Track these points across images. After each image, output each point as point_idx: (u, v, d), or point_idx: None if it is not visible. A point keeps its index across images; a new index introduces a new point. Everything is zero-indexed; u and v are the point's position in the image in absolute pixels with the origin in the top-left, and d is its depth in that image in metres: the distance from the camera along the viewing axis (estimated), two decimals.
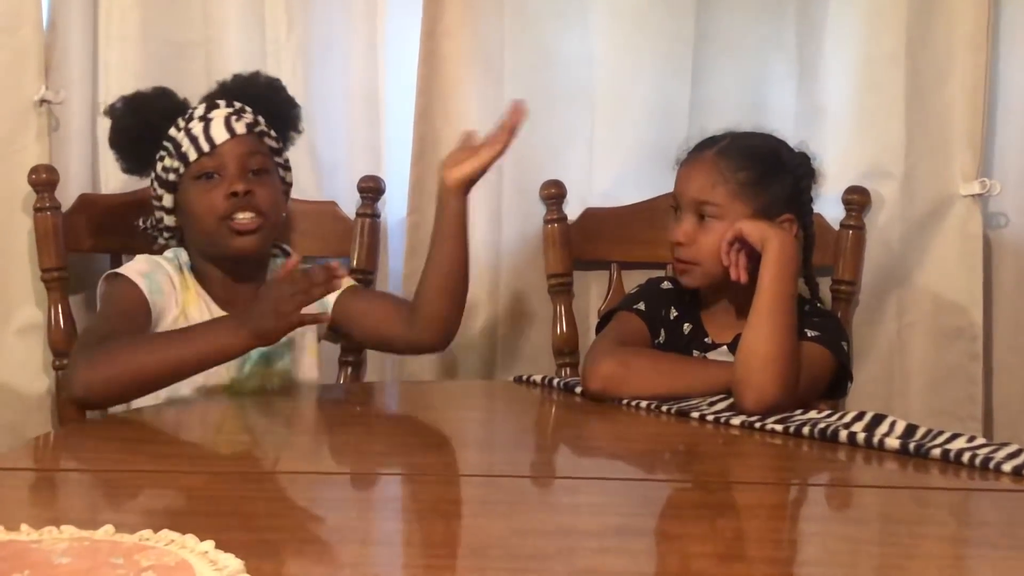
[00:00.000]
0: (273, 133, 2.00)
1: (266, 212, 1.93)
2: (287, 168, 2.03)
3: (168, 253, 1.98)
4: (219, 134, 1.91)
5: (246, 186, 1.90)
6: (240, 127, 1.93)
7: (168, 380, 1.78)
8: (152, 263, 1.93)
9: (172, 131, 1.94)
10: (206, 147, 1.91)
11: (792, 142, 1.98)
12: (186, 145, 1.92)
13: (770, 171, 1.90)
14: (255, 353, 1.92)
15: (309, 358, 2.02)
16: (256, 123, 1.96)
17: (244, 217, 1.90)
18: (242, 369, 1.94)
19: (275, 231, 2.00)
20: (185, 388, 1.86)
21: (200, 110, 1.95)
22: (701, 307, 1.98)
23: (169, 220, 1.97)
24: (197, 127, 1.92)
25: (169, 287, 1.91)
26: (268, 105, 2.02)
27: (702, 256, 1.89)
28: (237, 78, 2.04)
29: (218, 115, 1.93)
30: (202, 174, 1.91)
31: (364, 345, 2.10)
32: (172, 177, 1.93)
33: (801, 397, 1.78)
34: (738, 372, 1.76)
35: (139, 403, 1.81)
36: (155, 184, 1.97)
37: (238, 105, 1.96)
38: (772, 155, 1.92)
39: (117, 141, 2.02)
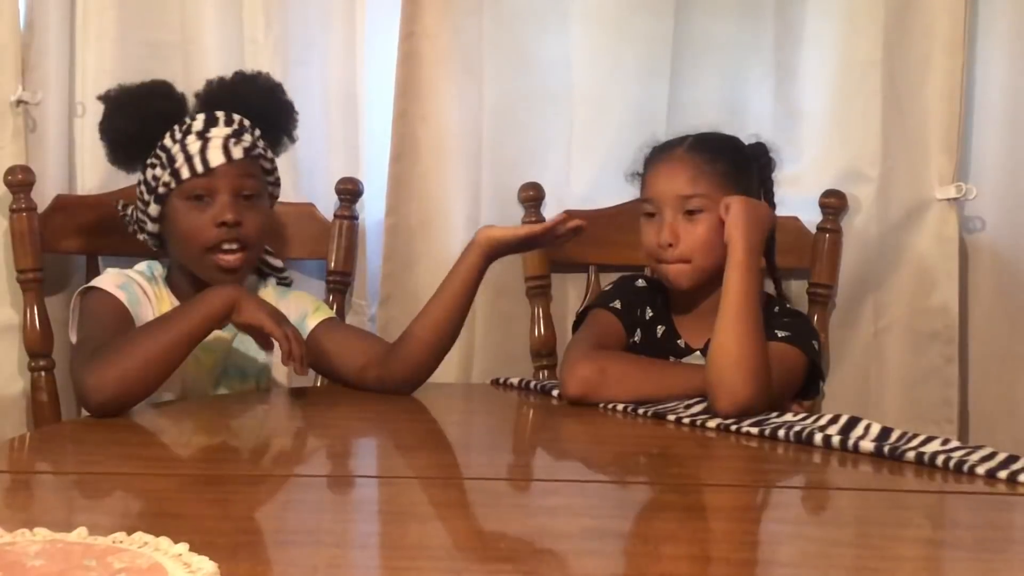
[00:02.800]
0: (269, 154, 1.97)
1: (251, 244, 1.91)
2: (276, 184, 2.01)
3: (140, 266, 1.96)
4: (215, 157, 1.87)
5: (236, 216, 1.87)
6: (237, 151, 1.89)
7: (174, 361, 1.76)
8: (124, 276, 1.92)
9: (167, 140, 1.90)
10: (200, 168, 1.87)
11: (759, 136, 1.99)
12: (180, 161, 1.88)
13: (740, 161, 1.92)
14: (232, 367, 1.95)
15: (281, 377, 2.02)
16: (254, 146, 1.92)
17: (229, 258, 1.89)
18: (216, 387, 1.94)
19: (256, 258, 1.99)
20: (164, 396, 1.87)
21: (199, 123, 1.90)
22: (674, 310, 1.98)
23: (152, 227, 1.94)
24: (194, 145, 1.88)
25: (144, 299, 1.90)
26: (265, 109, 1.99)
27: (695, 251, 1.89)
28: (238, 76, 2.01)
29: (217, 135, 1.89)
30: (192, 195, 1.88)
31: (332, 380, 2.04)
32: (161, 189, 1.89)
33: (774, 397, 1.79)
34: (711, 375, 1.77)
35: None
36: (143, 189, 1.94)
37: (236, 122, 1.92)
38: (736, 147, 1.94)
39: (107, 134, 1.97)
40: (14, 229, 2.17)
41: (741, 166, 1.92)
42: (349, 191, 2.27)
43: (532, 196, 2.31)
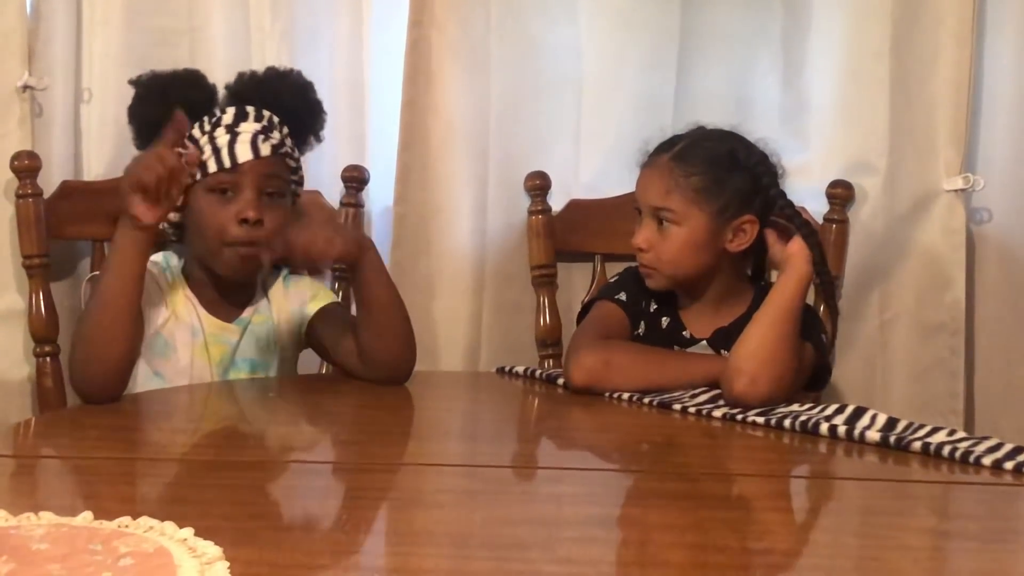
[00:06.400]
0: (295, 153, 1.97)
1: (270, 241, 1.90)
2: (300, 183, 2.00)
3: (156, 256, 1.95)
4: (243, 152, 1.87)
5: (258, 214, 1.86)
6: (265, 148, 1.89)
7: (121, 316, 1.73)
8: None
9: (196, 131, 1.90)
10: (227, 163, 1.87)
11: (766, 141, 1.95)
12: (207, 153, 1.87)
13: (725, 173, 1.88)
14: (240, 361, 1.95)
15: (289, 368, 2.02)
16: (281, 143, 1.92)
17: (247, 250, 1.88)
18: (225, 376, 1.94)
19: (273, 255, 1.98)
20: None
21: (229, 116, 1.90)
22: (678, 301, 1.98)
23: (173, 215, 1.92)
24: (223, 138, 1.88)
25: (156, 290, 1.90)
26: (294, 107, 1.98)
27: (663, 263, 1.90)
28: (270, 72, 2.01)
29: (246, 130, 1.89)
30: (217, 188, 1.88)
31: (331, 364, 2.07)
32: (186, 179, 1.88)
33: None
34: (736, 360, 1.76)
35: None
36: None
37: (266, 118, 1.92)
38: (727, 156, 1.89)
39: (135, 118, 1.97)
40: (20, 215, 2.17)
41: (724, 178, 1.87)
42: (355, 179, 2.27)
43: (539, 185, 2.31)
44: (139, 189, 1.72)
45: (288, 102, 1.97)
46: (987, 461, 1.47)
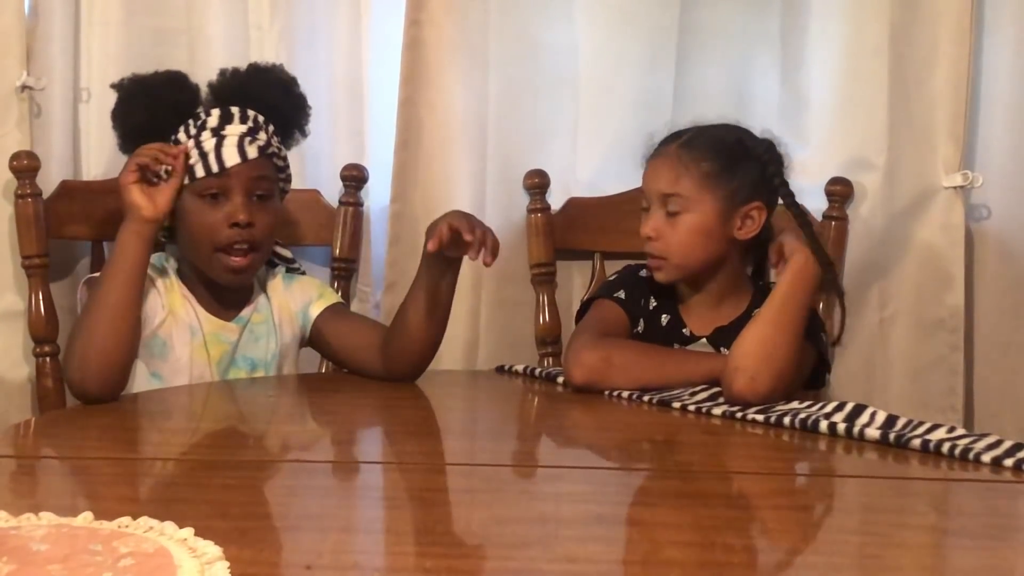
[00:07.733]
0: (283, 151, 1.97)
1: (261, 245, 1.91)
2: (288, 180, 2.01)
3: (152, 257, 1.95)
4: (230, 157, 1.87)
5: (248, 217, 1.87)
6: (252, 151, 1.89)
7: (123, 315, 1.77)
8: None
9: (182, 134, 1.90)
10: (215, 168, 1.87)
11: (771, 132, 1.96)
12: (194, 158, 1.87)
13: (734, 159, 1.89)
14: (240, 359, 1.95)
15: (289, 368, 2.02)
16: (268, 144, 1.92)
17: (238, 259, 1.88)
18: (225, 375, 1.94)
19: (265, 258, 1.98)
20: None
21: (214, 119, 1.90)
22: (678, 299, 1.98)
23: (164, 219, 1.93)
24: (209, 142, 1.88)
25: (152, 290, 1.90)
26: (278, 102, 1.99)
27: (672, 251, 1.89)
28: (252, 68, 2.02)
29: (232, 133, 1.89)
30: (206, 193, 1.88)
31: (337, 364, 2.08)
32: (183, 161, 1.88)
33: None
34: (736, 358, 1.76)
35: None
36: (155, 181, 1.90)
37: (251, 118, 1.92)
38: (736, 143, 1.90)
39: (119, 122, 1.98)
40: (19, 215, 2.16)
41: (733, 164, 1.88)
42: (354, 177, 2.27)
43: (537, 183, 2.31)
44: (135, 171, 1.77)
45: (271, 98, 1.97)
46: (986, 458, 1.47)
